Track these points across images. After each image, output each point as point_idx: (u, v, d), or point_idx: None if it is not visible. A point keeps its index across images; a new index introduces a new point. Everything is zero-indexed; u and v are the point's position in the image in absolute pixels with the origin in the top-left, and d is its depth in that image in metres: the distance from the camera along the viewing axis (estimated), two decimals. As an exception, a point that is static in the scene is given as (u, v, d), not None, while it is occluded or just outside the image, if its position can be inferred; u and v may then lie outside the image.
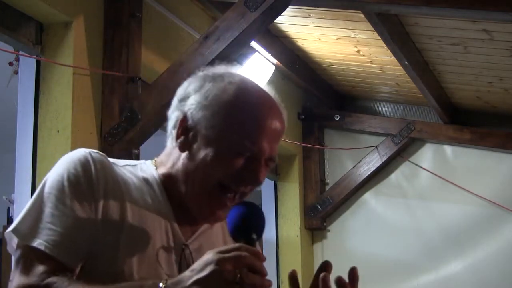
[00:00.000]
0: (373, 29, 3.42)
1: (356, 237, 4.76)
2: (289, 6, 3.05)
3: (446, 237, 4.55)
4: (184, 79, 1.45)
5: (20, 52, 2.80)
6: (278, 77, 4.49)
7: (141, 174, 1.41)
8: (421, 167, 4.70)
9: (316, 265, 5.63)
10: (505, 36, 3.33)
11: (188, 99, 1.39)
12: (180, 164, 1.38)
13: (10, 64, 2.94)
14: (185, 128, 1.37)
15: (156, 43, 3.23)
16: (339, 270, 1.34)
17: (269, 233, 4.60)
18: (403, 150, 4.74)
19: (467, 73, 4.01)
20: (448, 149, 4.68)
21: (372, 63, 4.13)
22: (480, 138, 4.52)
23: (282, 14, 3.10)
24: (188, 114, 1.37)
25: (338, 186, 4.79)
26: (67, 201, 1.30)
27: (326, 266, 1.35)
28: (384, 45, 3.59)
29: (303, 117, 4.88)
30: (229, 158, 1.34)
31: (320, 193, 4.81)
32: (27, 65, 2.86)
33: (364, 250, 4.70)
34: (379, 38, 3.52)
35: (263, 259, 1.24)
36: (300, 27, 3.80)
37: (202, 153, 1.35)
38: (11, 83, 2.94)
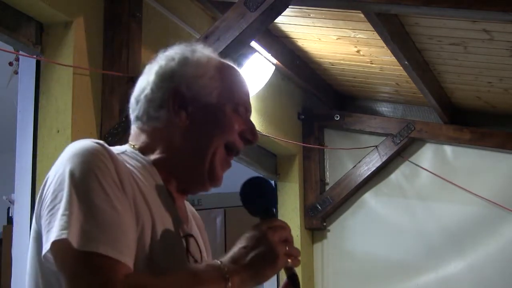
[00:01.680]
0: (373, 29, 3.42)
1: (356, 237, 4.75)
2: (289, 6, 3.05)
3: (446, 237, 4.54)
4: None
5: (20, 52, 2.80)
6: (278, 77, 4.49)
7: (135, 162, 1.37)
8: (421, 167, 4.69)
9: (316, 265, 5.64)
10: (505, 36, 3.33)
11: (173, 76, 1.39)
12: (179, 140, 1.38)
13: (10, 64, 2.94)
14: (182, 101, 1.38)
15: (156, 43, 3.23)
16: (339, 270, 1.36)
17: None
18: (403, 150, 4.74)
19: (467, 73, 4.01)
20: (448, 149, 4.67)
21: (372, 63, 4.13)
22: (480, 138, 4.51)
23: (282, 14, 3.10)
24: (183, 87, 1.38)
25: (338, 186, 4.79)
26: (108, 196, 1.21)
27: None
28: (384, 45, 3.59)
29: (303, 117, 4.87)
30: (232, 118, 1.40)
31: (320, 193, 4.81)
32: (27, 65, 2.86)
33: (364, 250, 4.70)
34: (379, 38, 3.52)
35: (290, 229, 1.31)
36: (300, 27, 3.80)
37: (206, 121, 1.38)
38: (11, 83, 2.94)
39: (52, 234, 1.18)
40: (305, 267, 4.64)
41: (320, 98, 4.80)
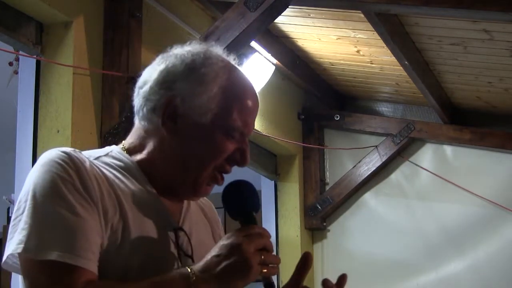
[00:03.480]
0: (373, 29, 3.42)
1: (356, 237, 4.75)
2: (289, 6, 3.05)
3: (446, 237, 4.54)
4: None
5: (20, 52, 2.80)
6: (278, 77, 4.49)
7: (117, 163, 1.36)
8: (421, 167, 4.69)
9: (316, 265, 5.63)
10: (505, 36, 3.33)
11: (175, 82, 1.34)
12: (166, 148, 1.35)
13: (10, 64, 2.94)
14: (172, 113, 1.33)
15: (156, 43, 3.23)
16: (339, 270, 1.36)
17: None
18: (403, 150, 4.74)
19: (467, 73, 4.01)
20: (448, 149, 4.67)
21: (372, 63, 4.13)
22: (480, 138, 4.51)
23: (282, 14, 3.10)
24: (177, 99, 1.33)
25: (338, 186, 4.79)
26: (69, 202, 1.22)
27: (307, 259, 1.37)
28: (384, 45, 3.59)
29: (303, 117, 4.87)
30: (223, 142, 1.34)
31: (320, 193, 4.81)
32: (27, 65, 2.86)
33: (364, 250, 4.70)
34: (379, 38, 3.52)
35: (270, 236, 1.27)
36: (300, 27, 3.80)
37: (195, 140, 1.33)
38: (11, 83, 2.94)
39: (10, 246, 1.22)
40: (305, 267, 4.63)
41: (320, 98, 4.80)
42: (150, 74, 1.38)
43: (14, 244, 1.21)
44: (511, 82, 3.95)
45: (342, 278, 1.39)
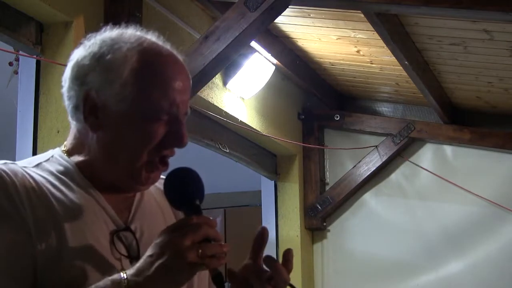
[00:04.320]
0: (373, 29, 3.42)
1: (356, 237, 4.75)
2: (289, 6, 3.05)
3: (446, 237, 4.55)
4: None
5: (20, 52, 2.79)
6: (278, 77, 4.49)
7: (58, 168, 1.30)
8: (421, 167, 4.69)
9: (316, 265, 5.62)
10: (505, 36, 3.33)
11: (86, 76, 1.28)
12: (96, 146, 1.28)
13: (10, 64, 2.93)
14: (92, 107, 1.27)
15: (156, 43, 3.22)
16: (339, 270, 1.35)
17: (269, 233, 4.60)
18: (403, 150, 4.74)
19: (467, 73, 4.01)
20: (448, 149, 4.68)
21: (372, 63, 4.13)
22: (480, 138, 4.51)
23: (282, 14, 3.10)
24: (92, 92, 1.27)
25: (338, 186, 4.79)
26: None
27: (263, 234, 1.33)
28: (384, 45, 3.59)
29: (303, 117, 4.88)
30: (150, 126, 1.25)
31: (320, 193, 4.81)
32: (27, 65, 2.86)
33: (364, 250, 4.70)
34: (379, 38, 3.51)
35: (215, 225, 1.19)
36: (300, 27, 3.80)
37: (120, 130, 1.26)
38: (11, 83, 2.94)
39: None
40: (305, 267, 4.64)
41: (320, 98, 4.80)
42: (67, 72, 1.34)
43: None
44: (511, 82, 3.95)
45: (288, 254, 1.34)
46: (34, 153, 2.78)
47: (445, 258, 4.51)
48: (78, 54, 1.33)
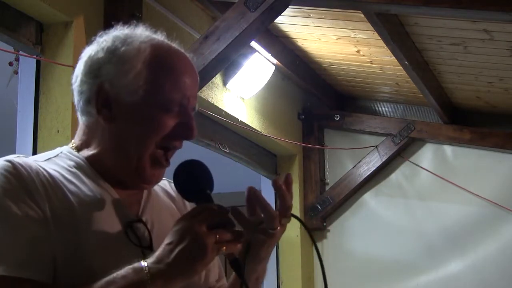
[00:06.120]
0: (373, 29, 3.42)
1: (356, 237, 4.76)
2: (289, 6, 3.05)
3: (446, 237, 4.55)
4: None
5: (20, 52, 2.79)
6: (278, 77, 4.49)
7: (68, 162, 1.33)
8: (421, 167, 4.69)
9: (317, 265, 5.60)
10: (505, 36, 3.33)
11: (100, 69, 1.32)
12: (107, 139, 1.32)
13: (10, 64, 2.93)
14: (105, 99, 1.30)
15: (156, 43, 3.22)
16: (339, 270, 1.34)
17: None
18: (403, 150, 4.74)
19: (467, 73, 4.01)
20: (448, 149, 4.68)
21: (372, 63, 4.13)
22: (480, 138, 4.52)
23: (282, 14, 3.10)
24: (106, 84, 1.30)
25: (338, 186, 4.79)
26: (13, 213, 1.19)
27: (287, 178, 1.36)
28: (384, 45, 3.59)
29: (303, 117, 4.88)
30: (160, 117, 1.30)
31: (320, 193, 4.81)
32: (27, 65, 2.86)
33: (364, 250, 4.70)
34: (379, 38, 3.52)
35: (228, 211, 1.22)
36: (300, 27, 3.80)
37: (131, 121, 1.30)
38: (11, 83, 2.94)
39: None
40: (305, 267, 4.64)
41: (320, 98, 4.80)
42: (78, 68, 1.36)
43: None
44: (511, 82, 3.95)
45: (287, 178, 1.36)
46: (34, 152, 2.78)
47: (445, 258, 4.51)
48: (91, 49, 1.36)
